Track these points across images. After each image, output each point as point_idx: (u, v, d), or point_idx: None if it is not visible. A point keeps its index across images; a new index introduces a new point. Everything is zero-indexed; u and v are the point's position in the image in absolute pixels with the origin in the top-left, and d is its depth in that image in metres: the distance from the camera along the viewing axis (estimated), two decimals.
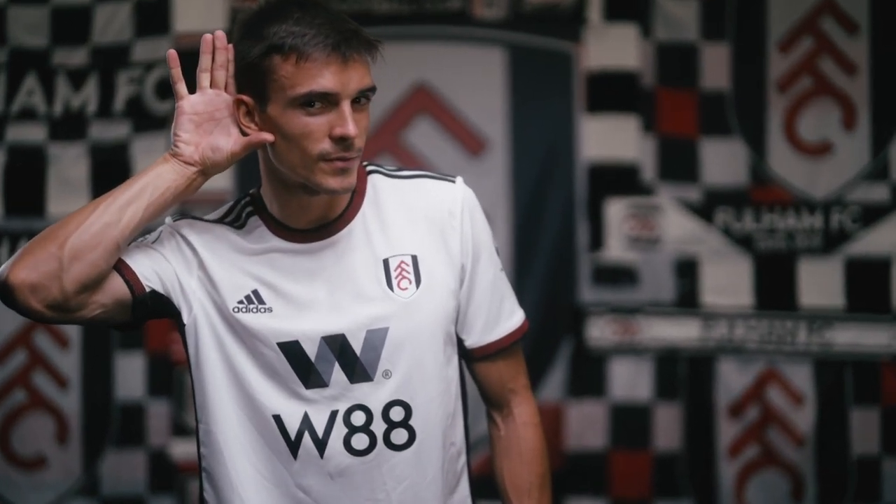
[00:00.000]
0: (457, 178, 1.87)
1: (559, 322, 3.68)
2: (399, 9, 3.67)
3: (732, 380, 3.64)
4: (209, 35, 1.74)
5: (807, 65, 3.65)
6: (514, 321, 1.92)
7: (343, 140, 1.69)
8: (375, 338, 1.77)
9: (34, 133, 3.64)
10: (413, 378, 1.79)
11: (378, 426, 1.78)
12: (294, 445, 1.78)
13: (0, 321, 3.60)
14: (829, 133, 3.64)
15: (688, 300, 3.65)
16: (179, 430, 3.60)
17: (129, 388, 3.65)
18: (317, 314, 1.77)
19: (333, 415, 1.77)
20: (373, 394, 1.77)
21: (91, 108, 3.64)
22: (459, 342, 1.88)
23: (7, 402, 3.67)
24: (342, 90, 1.68)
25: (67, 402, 3.66)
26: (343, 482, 1.78)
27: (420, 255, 1.81)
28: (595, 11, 3.63)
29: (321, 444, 1.77)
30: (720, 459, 3.66)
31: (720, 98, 3.64)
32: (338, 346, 1.77)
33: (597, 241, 3.64)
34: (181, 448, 3.58)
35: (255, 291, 1.78)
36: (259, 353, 1.77)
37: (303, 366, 1.77)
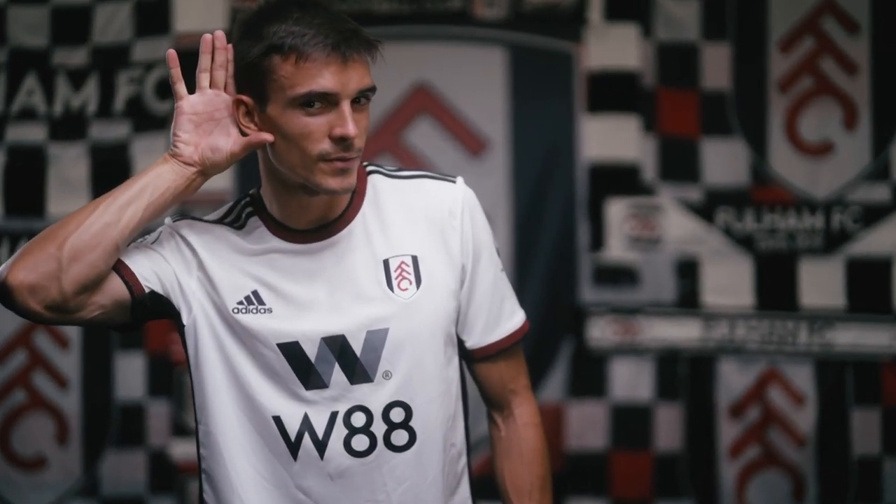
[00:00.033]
0: (457, 179, 1.87)
1: (560, 322, 3.67)
2: (399, 9, 3.66)
3: (733, 380, 3.64)
4: (209, 35, 1.74)
5: (808, 65, 3.64)
6: (515, 322, 1.92)
7: (343, 140, 1.68)
8: (375, 338, 1.77)
9: (34, 133, 3.64)
10: (413, 379, 1.78)
11: (378, 427, 1.77)
12: (294, 447, 1.77)
13: (0, 321, 3.60)
14: (830, 133, 3.64)
15: (688, 300, 3.64)
16: (179, 431, 3.60)
17: (130, 389, 3.64)
18: (317, 315, 1.76)
19: (333, 416, 1.76)
20: (373, 395, 1.77)
21: (91, 108, 3.63)
22: (460, 343, 1.87)
23: (7, 403, 3.67)
24: (342, 90, 1.67)
25: (67, 403, 3.66)
26: (343, 483, 1.78)
27: (420, 256, 1.81)
28: (596, 11, 3.63)
29: (321, 446, 1.77)
30: (721, 460, 3.65)
31: (721, 98, 3.64)
32: (338, 347, 1.76)
33: (597, 242, 3.63)
34: (181, 448, 3.58)
35: (255, 292, 1.77)
36: (259, 354, 1.77)
37: (303, 367, 1.76)
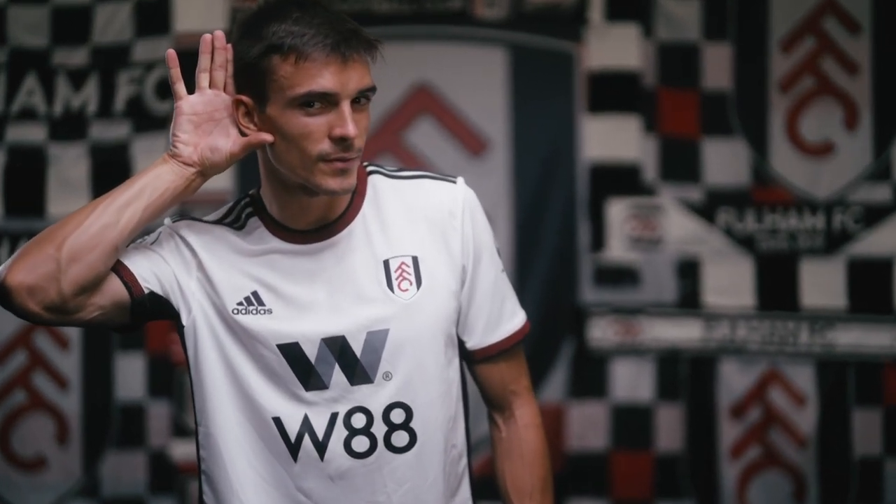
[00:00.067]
0: (457, 179, 1.86)
1: (560, 323, 3.67)
2: (399, 8, 3.66)
3: (734, 380, 3.63)
4: (208, 35, 1.74)
5: (809, 65, 3.64)
6: (516, 322, 1.91)
7: (343, 140, 1.68)
8: (376, 339, 1.76)
9: (34, 133, 3.64)
10: (414, 380, 1.78)
11: (379, 428, 1.77)
12: (294, 448, 1.77)
13: (0, 322, 3.59)
14: (831, 133, 3.64)
15: (689, 301, 3.64)
16: (180, 431, 3.59)
17: (130, 389, 3.64)
18: (317, 316, 1.76)
19: (334, 417, 1.76)
20: (373, 396, 1.76)
21: (91, 109, 3.63)
22: (460, 343, 1.87)
23: (7, 403, 3.67)
24: (342, 90, 1.67)
25: (67, 403, 3.66)
26: (343, 485, 1.77)
27: (421, 256, 1.81)
28: (596, 11, 3.62)
29: (321, 447, 1.76)
30: (722, 460, 3.65)
31: (722, 98, 3.64)
32: (338, 348, 1.76)
33: (598, 242, 3.63)
34: (181, 449, 3.57)
35: (255, 293, 1.77)
36: (259, 355, 1.76)
37: (303, 368, 1.76)
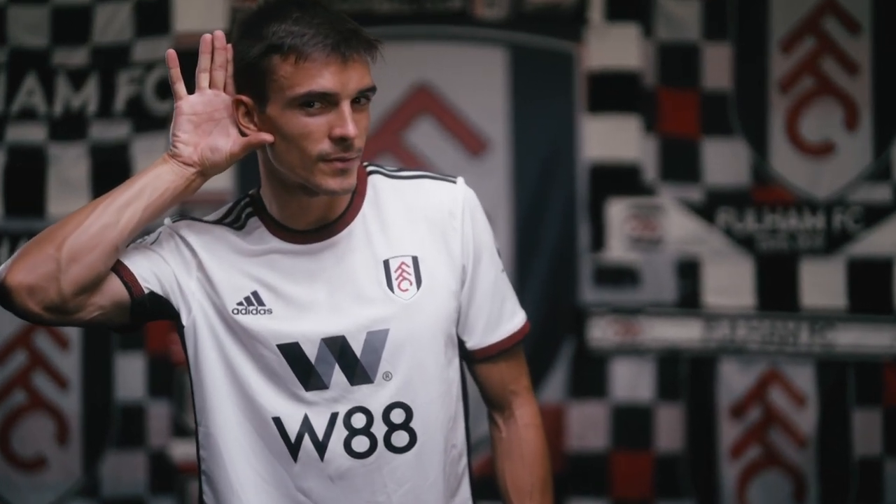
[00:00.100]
0: (457, 179, 1.86)
1: (560, 323, 3.67)
2: (399, 8, 3.66)
3: (734, 380, 3.63)
4: (208, 35, 1.74)
5: (809, 65, 3.64)
6: (516, 322, 1.91)
7: (343, 140, 1.68)
8: (376, 339, 1.76)
9: (34, 133, 3.63)
10: (414, 380, 1.78)
11: (379, 428, 1.77)
12: (294, 448, 1.77)
13: (0, 322, 3.59)
14: (832, 133, 3.63)
15: (689, 301, 3.64)
16: (180, 431, 3.59)
17: (130, 389, 3.64)
18: (317, 316, 1.76)
19: (334, 417, 1.76)
20: (373, 396, 1.76)
21: (91, 109, 3.63)
22: (460, 343, 1.87)
23: (7, 403, 3.67)
24: (342, 90, 1.67)
25: (67, 403, 3.66)
26: (343, 485, 1.77)
27: (421, 256, 1.81)
28: (596, 11, 3.62)
29: (321, 447, 1.76)
30: (722, 460, 3.65)
31: (722, 98, 3.63)
32: (338, 348, 1.76)
33: (598, 242, 3.63)
34: (181, 449, 3.57)
35: (255, 293, 1.77)
36: (259, 355, 1.76)
37: (303, 368, 1.76)
